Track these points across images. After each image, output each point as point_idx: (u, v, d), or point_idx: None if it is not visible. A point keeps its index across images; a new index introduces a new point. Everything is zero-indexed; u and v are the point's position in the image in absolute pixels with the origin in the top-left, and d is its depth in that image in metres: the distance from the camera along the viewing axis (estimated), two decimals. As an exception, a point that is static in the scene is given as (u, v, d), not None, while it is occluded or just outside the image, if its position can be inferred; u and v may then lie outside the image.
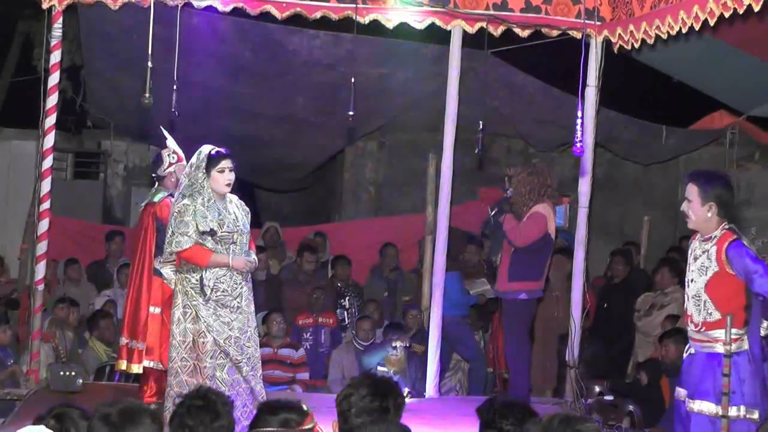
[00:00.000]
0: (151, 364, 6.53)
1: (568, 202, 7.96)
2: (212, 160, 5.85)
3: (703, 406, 5.01)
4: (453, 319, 8.24)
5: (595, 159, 7.77)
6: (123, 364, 6.73)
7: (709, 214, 5.04)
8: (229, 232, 5.85)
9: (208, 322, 5.78)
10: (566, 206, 7.95)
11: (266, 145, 10.43)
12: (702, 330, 5.07)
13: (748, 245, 5.02)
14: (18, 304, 9.04)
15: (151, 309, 6.55)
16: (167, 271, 5.87)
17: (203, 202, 5.82)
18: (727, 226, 5.05)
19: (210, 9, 7.19)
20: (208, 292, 5.79)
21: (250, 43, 8.69)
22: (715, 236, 5.04)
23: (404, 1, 7.13)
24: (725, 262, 4.96)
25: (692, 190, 5.09)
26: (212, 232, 5.79)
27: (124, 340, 6.72)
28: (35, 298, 7.20)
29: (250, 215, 6.11)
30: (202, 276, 5.79)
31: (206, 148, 5.92)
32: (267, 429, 3.54)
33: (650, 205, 11.90)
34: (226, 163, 5.88)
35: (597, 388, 7.69)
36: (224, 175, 5.87)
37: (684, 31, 6.09)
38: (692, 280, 5.13)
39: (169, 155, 6.68)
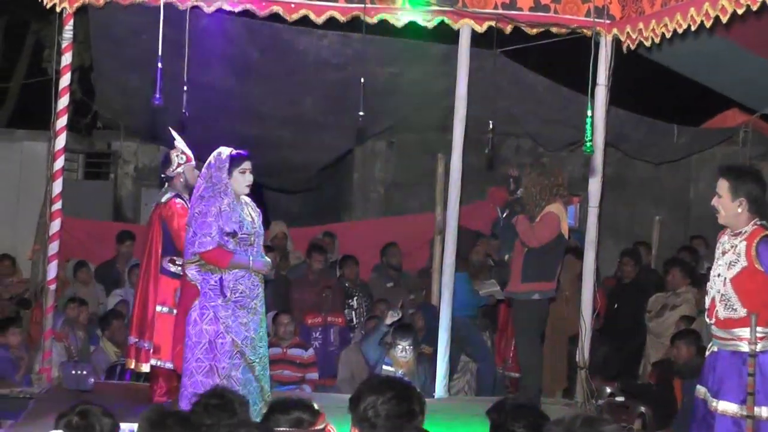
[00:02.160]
0: (159, 363, 6.54)
1: (579, 201, 7.95)
2: (235, 161, 5.89)
3: (727, 407, 4.96)
4: (462, 320, 8.23)
5: (606, 158, 7.75)
6: (132, 363, 6.78)
7: (740, 210, 5.00)
8: (247, 234, 5.90)
9: (227, 323, 5.82)
10: (577, 206, 7.96)
11: (275, 146, 10.44)
12: (725, 327, 5.03)
13: None
14: (30, 303, 9.07)
15: (158, 308, 6.58)
16: (192, 271, 5.86)
17: (229, 203, 5.85)
18: (758, 222, 5.01)
19: (219, 10, 7.20)
20: (228, 293, 5.82)
21: (258, 43, 8.70)
22: (746, 231, 5.00)
23: (412, 1, 7.12)
24: (755, 258, 4.92)
25: (723, 186, 5.05)
26: (234, 234, 5.82)
27: (132, 339, 6.76)
28: (47, 298, 7.24)
29: (261, 216, 6.14)
30: (221, 277, 5.82)
31: (226, 150, 5.95)
32: (279, 429, 3.52)
33: (661, 204, 11.85)
34: (247, 165, 5.94)
35: (608, 389, 7.66)
36: (245, 176, 5.93)
37: (694, 28, 6.06)
38: (718, 275, 5.08)
39: (177, 156, 6.70)
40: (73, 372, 6.93)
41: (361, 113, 6.63)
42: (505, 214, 7.26)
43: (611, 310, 9.22)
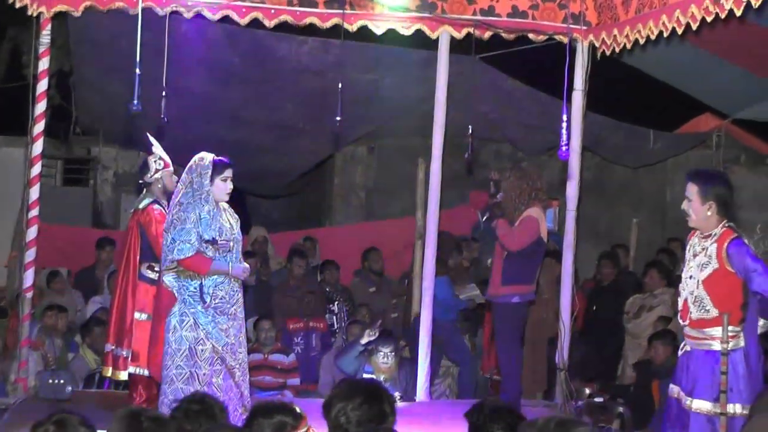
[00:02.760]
0: (138, 371, 6.50)
1: (558, 205, 8.01)
2: (217, 168, 5.90)
3: (702, 405, 5.05)
4: (443, 323, 8.27)
5: (583, 162, 7.81)
6: (109, 371, 6.70)
7: (709, 213, 5.11)
8: (226, 241, 5.90)
9: (207, 330, 5.81)
10: (555, 209, 8.02)
11: (255, 152, 10.44)
12: (698, 327, 5.11)
13: (748, 244, 5.08)
14: (6, 312, 9.01)
15: (137, 315, 6.53)
16: (170, 278, 5.85)
17: (210, 211, 5.85)
18: (727, 224, 5.11)
19: (198, 16, 7.21)
20: (208, 300, 5.82)
21: (239, 49, 8.71)
22: (715, 234, 5.11)
23: (392, 7, 7.16)
24: (725, 260, 5.02)
25: (692, 189, 5.16)
26: (213, 241, 5.83)
27: (109, 347, 6.69)
28: (23, 306, 7.17)
29: (239, 222, 6.14)
30: (201, 283, 5.82)
31: (208, 156, 5.94)
32: None
33: (638, 207, 11.97)
34: (228, 173, 5.96)
35: (587, 391, 7.72)
36: (227, 184, 5.95)
37: (666, 34, 6.15)
38: (690, 277, 5.18)
39: (155, 161, 6.69)
40: (50, 381, 6.87)
41: (338, 118, 6.67)
42: (485, 218, 7.30)
43: (590, 312, 9.29)
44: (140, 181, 6.79)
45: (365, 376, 7.49)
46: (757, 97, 9.56)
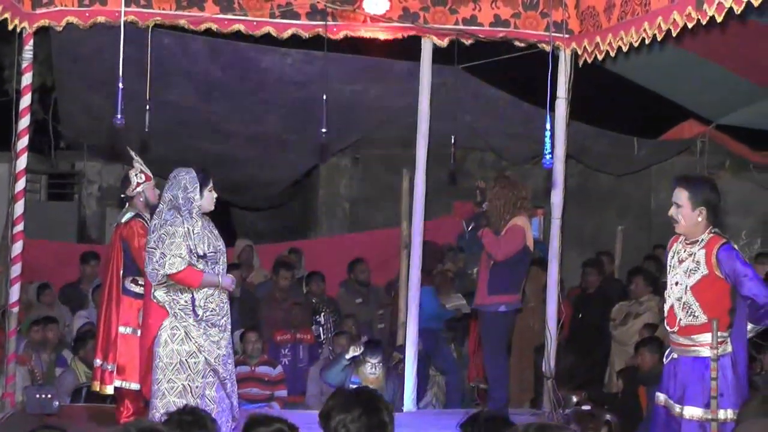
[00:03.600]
0: (124, 384, 6.49)
1: (543, 214, 8.03)
2: (204, 180, 5.89)
3: (693, 412, 5.04)
4: (429, 333, 8.27)
5: (568, 170, 7.84)
6: (97, 386, 6.70)
7: (699, 219, 5.09)
8: (213, 253, 5.90)
9: (199, 342, 5.81)
10: (540, 218, 8.04)
11: (240, 164, 10.45)
12: (686, 334, 5.10)
13: (737, 249, 5.08)
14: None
15: (122, 329, 6.53)
16: (161, 293, 5.84)
17: (203, 224, 5.87)
18: (713, 230, 5.10)
19: (181, 29, 7.21)
20: (200, 312, 5.81)
21: (221, 61, 8.72)
22: (703, 240, 5.08)
23: (375, 17, 7.17)
24: (715, 266, 5.00)
25: (682, 195, 5.13)
26: (203, 254, 5.83)
27: (98, 362, 6.69)
28: (10, 321, 7.14)
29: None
30: (193, 296, 5.82)
31: (189, 170, 5.92)
32: None
33: (623, 214, 12.02)
34: (211, 182, 5.97)
35: (574, 398, 7.72)
36: (212, 194, 5.98)
37: (647, 41, 6.19)
38: (677, 283, 5.15)
39: (136, 175, 6.68)
40: (38, 396, 6.84)
41: (324, 130, 6.68)
42: (470, 228, 7.32)
43: (576, 319, 9.31)
44: (122, 195, 6.78)
45: (352, 387, 7.47)
46: (741, 102, 9.62)
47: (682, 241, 5.21)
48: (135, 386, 6.39)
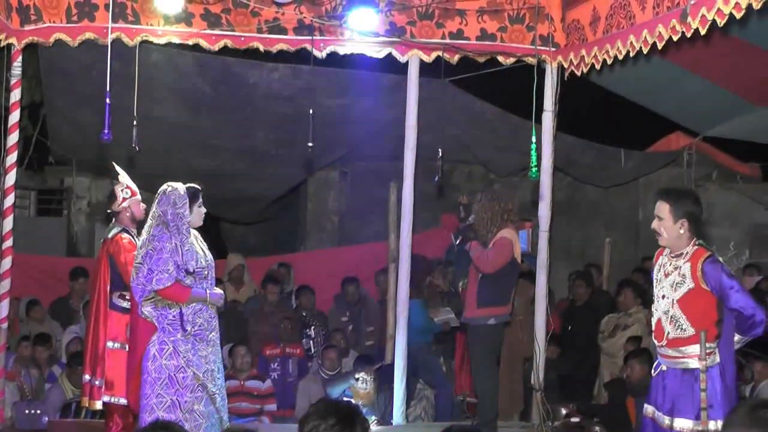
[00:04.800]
0: (113, 400, 6.48)
1: (531, 226, 8.05)
2: (194, 196, 5.92)
3: (683, 424, 5.05)
4: (418, 347, 8.28)
5: (555, 183, 7.87)
6: (86, 401, 6.69)
7: (682, 231, 5.10)
8: (201, 268, 5.91)
9: (187, 357, 5.81)
10: (529, 231, 8.05)
11: (229, 178, 10.46)
12: (674, 346, 5.13)
13: (722, 261, 5.10)
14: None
15: (110, 344, 6.51)
16: (148, 309, 5.84)
17: (193, 240, 5.89)
18: (698, 242, 5.12)
19: (169, 45, 7.24)
20: (189, 327, 5.82)
21: (209, 77, 8.74)
22: (687, 252, 5.10)
23: (361, 32, 7.22)
24: (701, 278, 5.02)
25: (663, 208, 5.14)
26: (192, 271, 5.84)
27: (86, 377, 6.67)
28: (-1, 337, 7.15)
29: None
30: (181, 311, 5.83)
31: (178, 186, 5.93)
32: None
33: (611, 226, 12.06)
34: (200, 198, 5.99)
35: (563, 411, 7.74)
36: (202, 210, 6.00)
37: (632, 54, 6.24)
38: (663, 296, 5.17)
39: (122, 190, 6.69)
40: (27, 411, 6.86)
41: (310, 144, 6.70)
42: (458, 241, 7.34)
43: (565, 332, 9.32)
44: (108, 211, 6.79)
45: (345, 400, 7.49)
46: (727, 114, 9.68)
47: (667, 254, 5.23)
48: (124, 401, 6.37)
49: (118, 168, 6.77)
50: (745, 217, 12.12)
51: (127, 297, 6.33)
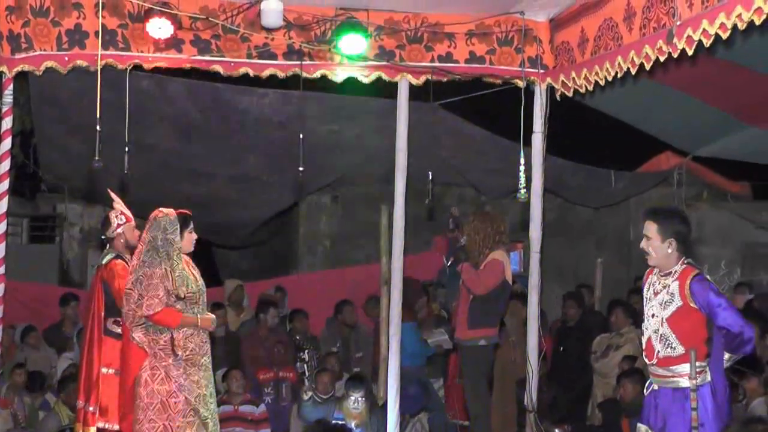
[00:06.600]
0: (106, 426, 6.47)
1: (522, 247, 8.08)
2: (185, 222, 5.93)
3: None
4: (411, 369, 8.27)
5: (547, 204, 7.90)
6: (79, 428, 6.68)
7: (670, 251, 5.13)
8: (192, 293, 5.92)
9: (179, 382, 5.82)
10: (520, 252, 8.08)
11: (220, 204, 10.47)
12: (665, 365, 5.14)
13: (710, 280, 5.13)
14: (-25, 371, 8.92)
15: (104, 370, 6.52)
16: (139, 334, 5.85)
17: (185, 266, 5.91)
18: (686, 261, 5.14)
19: (158, 71, 7.26)
20: (180, 352, 5.82)
21: (200, 103, 8.77)
22: (676, 271, 5.13)
23: (351, 56, 7.26)
24: (689, 297, 5.04)
25: (651, 228, 5.18)
26: (183, 296, 5.85)
27: (80, 403, 6.68)
28: (-8, 365, 7.14)
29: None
30: (172, 336, 5.83)
31: (169, 211, 5.96)
32: None
33: (602, 247, 12.08)
34: (192, 223, 6.00)
35: (557, 431, 7.73)
36: (193, 236, 6.03)
37: (620, 75, 6.28)
38: (653, 315, 5.19)
39: (116, 217, 6.72)
40: (21, 439, 6.83)
41: (301, 168, 6.73)
42: (450, 263, 7.36)
43: (557, 352, 9.32)
44: (102, 237, 6.81)
45: (335, 422, 7.47)
46: (717, 133, 9.72)
47: (656, 273, 5.26)
48: (117, 427, 6.37)
49: (112, 194, 6.79)
50: (736, 236, 12.16)
51: (122, 323, 6.33)
